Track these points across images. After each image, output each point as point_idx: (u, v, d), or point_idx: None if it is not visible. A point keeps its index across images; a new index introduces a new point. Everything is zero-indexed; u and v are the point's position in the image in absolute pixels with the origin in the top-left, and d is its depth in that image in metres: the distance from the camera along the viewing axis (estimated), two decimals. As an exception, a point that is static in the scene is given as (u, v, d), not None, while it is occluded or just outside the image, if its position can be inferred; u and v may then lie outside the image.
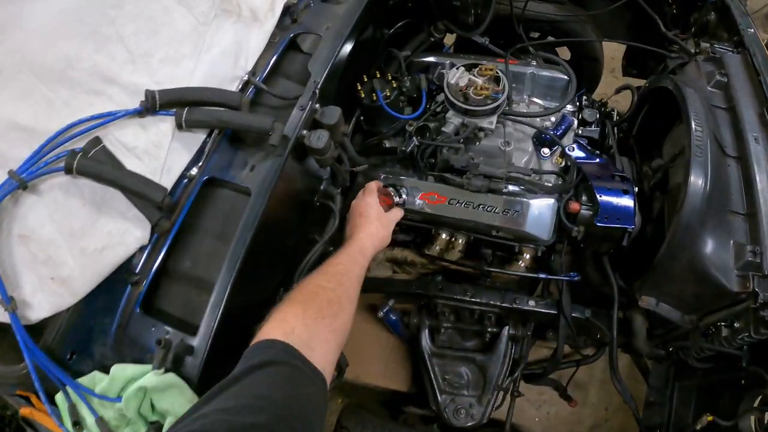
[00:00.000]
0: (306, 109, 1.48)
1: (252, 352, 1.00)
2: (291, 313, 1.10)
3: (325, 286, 1.22)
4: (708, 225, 1.68)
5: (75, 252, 1.28)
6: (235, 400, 0.85)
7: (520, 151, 1.92)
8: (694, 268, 1.70)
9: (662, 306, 1.85)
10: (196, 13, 1.60)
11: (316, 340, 1.06)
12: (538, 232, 1.83)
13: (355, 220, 1.56)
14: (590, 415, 2.72)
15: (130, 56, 1.46)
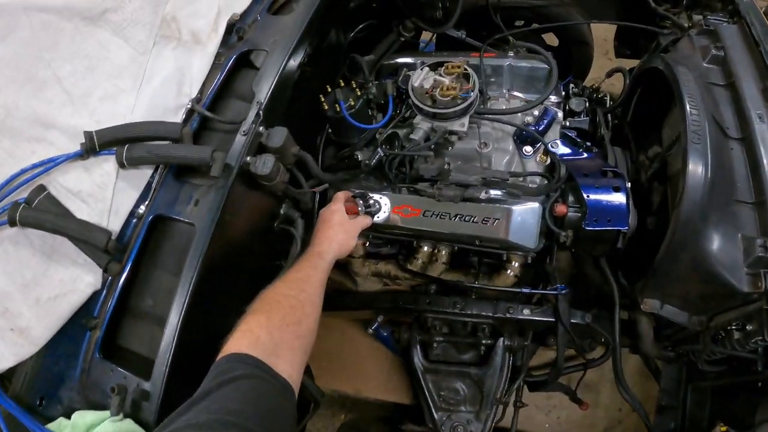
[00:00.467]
0: (249, 134, 1.34)
1: (220, 366, 0.96)
2: (255, 323, 1.07)
3: (287, 293, 1.17)
4: (711, 219, 1.47)
5: (30, 302, 1.26)
6: (207, 415, 0.83)
7: (500, 152, 1.71)
8: (699, 268, 1.49)
9: (667, 308, 1.64)
10: (133, 43, 1.48)
11: (281, 348, 1.03)
12: (523, 241, 1.62)
13: (318, 226, 1.49)
14: (603, 417, 2.51)
15: (69, 98, 1.39)
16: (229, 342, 1.02)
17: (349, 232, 1.51)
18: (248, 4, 1.65)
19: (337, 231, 1.47)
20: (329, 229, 1.46)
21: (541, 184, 1.68)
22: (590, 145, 1.78)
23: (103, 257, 1.27)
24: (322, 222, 1.49)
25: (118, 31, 1.47)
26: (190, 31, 1.53)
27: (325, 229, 1.46)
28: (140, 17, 1.49)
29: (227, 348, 1.01)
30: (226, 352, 0.99)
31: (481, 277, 1.84)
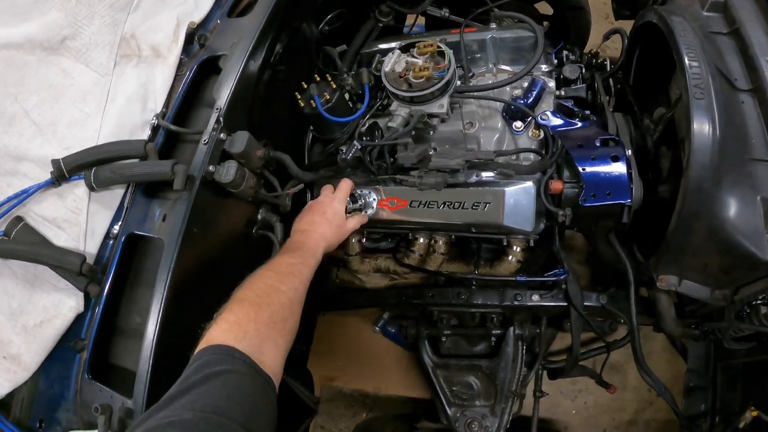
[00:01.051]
0: (209, 142, 1.26)
1: (205, 357, 0.90)
2: (244, 316, 1.00)
3: (279, 287, 1.10)
4: (725, 182, 1.27)
5: (18, 330, 1.27)
6: (192, 413, 0.77)
7: (489, 131, 1.54)
8: (716, 238, 1.30)
9: (686, 284, 1.45)
10: (95, 66, 1.44)
11: (267, 345, 0.98)
12: (519, 224, 1.45)
13: (315, 216, 1.39)
14: (633, 400, 2.29)
15: (38, 129, 1.38)
16: (215, 330, 0.96)
17: (340, 236, 1.41)
18: (208, 10, 1.55)
19: (334, 233, 1.38)
20: (326, 227, 1.36)
21: (535, 161, 1.50)
22: (588, 114, 1.58)
23: (81, 280, 1.25)
24: (321, 213, 1.38)
25: (79, 56, 1.44)
26: (149, 46, 1.47)
27: (323, 224, 1.36)
28: (99, 40, 1.45)
29: (213, 337, 0.95)
30: (212, 341, 0.93)
31: (482, 266, 1.67)
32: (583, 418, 2.29)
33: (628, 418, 2.28)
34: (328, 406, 2.39)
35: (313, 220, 1.36)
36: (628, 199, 1.35)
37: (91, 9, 1.45)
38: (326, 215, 1.38)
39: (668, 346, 2.00)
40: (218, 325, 0.97)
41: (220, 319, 0.98)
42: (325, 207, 1.40)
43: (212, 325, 0.97)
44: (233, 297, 1.05)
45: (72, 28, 1.43)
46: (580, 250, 2.22)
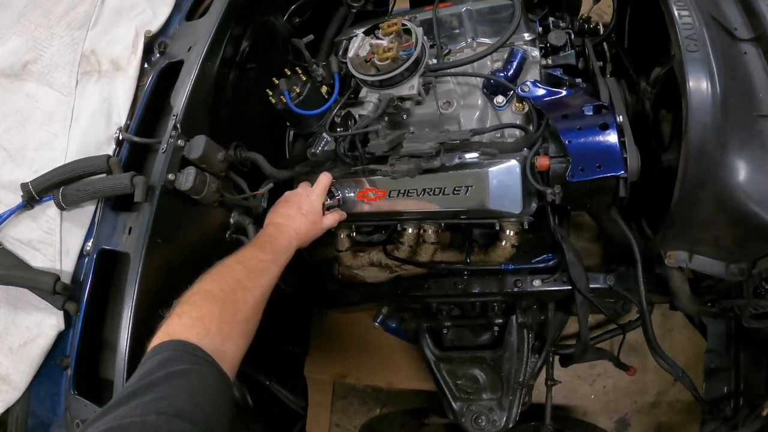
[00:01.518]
0: (168, 150, 1.19)
1: (168, 353, 0.84)
2: (208, 312, 0.93)
3: (246, 285, 1.03)
4: (731, 143, 1.12)
5: (4, 351, 1.27)
6: (156, 416, 0.71)
7: (468, 109, 1.40)
8: (725, 207, 1.14)
9: (697, 260, 1.29)
10: (57, 87, 1.41)
11: (228, 344, 0.93)
12: (506, 206, 1.30)
13: (290, 209, 1.29)
14: (654, 381, 2.10)
15: (7, 154, 1.37)
16: (178, 325, 0.90)
17: (314, 233, 1.32)
18: (166, 17, 1.47)
19: (308, 228, 1.29)
20: (302, 221, 1.27)
21: (520, 137, 1.34)
22: (579, 82, 1.41)
23: (58, 299, 1.23)
24: (297, 207, 1.29)
25: (42, 79, 1.41)
26: (109, 60, 1.42)
27: (298, 219, 1.27)
28: (59, 60, 1.42)
29: (173, 330, 0.89)
30: (173, 336, 0.87)
31: (476, 253, 1.53)
32: (602, 403, 2.13)
33: (650, 401, 2.10)
34: (342, 404, 2.31)
35: (288, 213, 1.28)
36: (622, 170, 1.18)
37: (50, 31, 1.43)
38: (302, 210, 1.29)
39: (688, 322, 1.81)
40: (181, 320, 0.91)
41: (183, 313, 0.92)
42: (302, 201, 1.31)
43: (173, 317, 0.91)
44: (198, 287, 0.98)
45: (33, 53, 1.42)
46: (590, 228, 2.04)
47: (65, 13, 1.42)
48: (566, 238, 1.50)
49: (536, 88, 1.31)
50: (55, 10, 1.42)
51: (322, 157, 1.49)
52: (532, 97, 1.31)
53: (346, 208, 1.42)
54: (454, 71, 1.36)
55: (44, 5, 1.42)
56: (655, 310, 1.92)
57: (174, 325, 0.89)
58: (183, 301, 0.95)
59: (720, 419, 1.38)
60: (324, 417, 2.25)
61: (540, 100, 1.31)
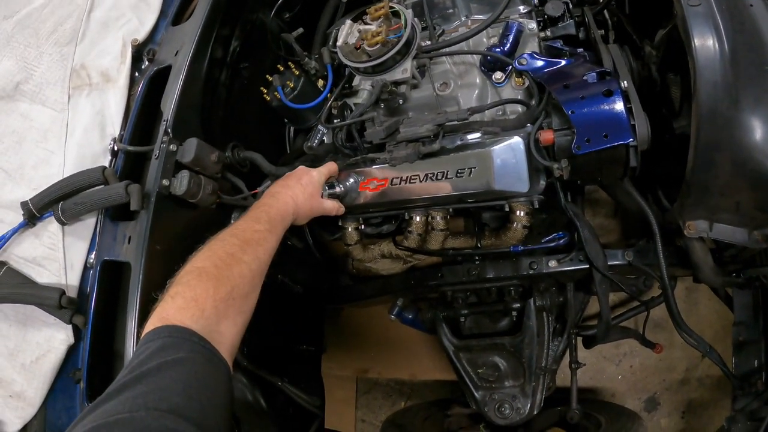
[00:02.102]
0: (160, 156, 1.18)
1: (161, 341, 0.79)
2: (202, 291, 0.88)
3: (241, 258, 0.97)
4: (744, 101, 1.05)
5: (17, 368, 1.28)
6: (146, 411, 0.67)
7: (467, 88, 1.35)
8: (744, 170, 1.08)
9: (718, 228, 1.21)
10: (50, 104, 1.41)
11: (225, 324, 0.88)
12: (512, 185, 1.25)
13: (289, 180, 1.24)
14: (682, 358, 2.01)
15: (7, 175, 1.37)
16: (171, 307, 0.85)
17: (312, 208, 1.24)
18: (153, 24, 1.45)
19: (305, 198, 1.21)
20: (299, 191, 1.20)
21: (522, 112, 1.28)
22: (580, 51, 1.34)
23: (65, 313, 1.22)
24: (296, 178, 1.24)
25: (35, 97, 1.42)
26: (99, 72, 1.41)
27: (294, 187, 1.20)
28: (50, 77, 1.42)
29: (168, 314, 0.83)
30: (167, 320, 0.82)
31: (487, 237, 1.48)
32: (630, 383, 2.05)
33: (678, 378, 2.02)
34: (366, 399, 2.28)
35: (285, 183, 1.22)
36: (630, 138, 1.11)
37: (39, 49, 1.43)
38: (301, 181, 1.23)
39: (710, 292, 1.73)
40: (174, 301, 0.86)
41: (176, 294, 0.87)
42: (301, 174, 1.25)
43: (167, 299, 0.87)
44: (191, 266, 0.93)
45: (24, 73, 1.41)
46: (607, 203, 1.96)
47: (53, 31, 1.42)
48: (580, 215, 1.44)
49: (534, 60, 1.25)
50: (43, 29, 1.42)
51: (322, 151, 1.45)
52: (530, 70, 1.25)
53: (349, 200, 1.38)
54: (448, 50, 1.31)
55: (32, 25, 1.43)
56: (679, 284, 1.85)
57: (168, 308, 0.85)
58: (176, 281, 0.90)
59: (751, 394, 1.30)
60: (349, 413, 2.22)
61: (540, 72, 1.25)
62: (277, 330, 1.10)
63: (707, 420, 1.94)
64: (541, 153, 1.22)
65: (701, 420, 1.96)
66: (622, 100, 1.12)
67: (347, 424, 2.20)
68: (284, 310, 1.13)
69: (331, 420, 2.20)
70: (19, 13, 1.45)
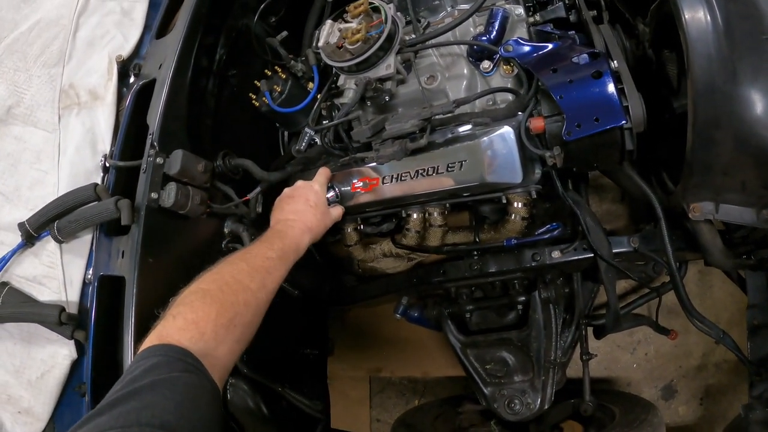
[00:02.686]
0: (148, 170, 1.18)
1: (156, 359, 0.78)
2: (203, 315, 0.87)
3: (248, 285, 0.96)
4: (742, 73, 1.01)
5: (24, 385, 1.30)
6: (138, 427, 0.66)
7: (455, 80, 1.31)
8: (746, 146, 1.03)
9: (725, 209, 1.16)
10: (42, 125, 1.42)
11: (222, 349, 0.87)
12: (505, 177, 1.21)
13: (298, 204, 1.22)
14: (698, 343, 1.93)
15: (4, 197, 1.39)
16: (171, 327, 0.84)
17: (324, 225, 1.24)
18: (137, 39, 1.44)
19: (319, 221, 1.22)
20: (310, 216, 1.19)
21: (512, 101, 1.24)
22: (571, 34, 1.29)
23: (66, 329, 1.24)
24: (305, 201, 1.21)
25: (26, 120, 1.43)
26: (87, 91, 1.42)
27: (307, 213, 1.19)
28: (40, 99, 1.43)
29: (166, 333, 0.83)
30: (164, 339, 0.82)
31: (486, 230, 1.43)
32: (646, 371, 1.98)
33: (695, 364, 1.95)
34: (380, 398, 2.25)
35: (296, 209, 1.20)
36: (624, 120, 1.06)
37: (28, 72, 1.44)
38: (309, 202, 1.22)
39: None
40: (175, 321, 0.85)
41: (178, 315, 0.86)
42: (307, 193, 1.23)
43: (168, 317, 0.86)
44: (196, 286, 0.92)
45: (15, 97, 1.42)
46: (614, 188, 1.90)
47: (40, 53, 1.43)
48: (581, 202, 1.38)
49: (521, 46, 1.20)
50: (31, 52, 1.43)
51: (315, 153, 1.43)
52: (517, 56, 1.20)
53: (344, 202, 1.35)
54: (432, 42, 1.27)
55: (20, 49, 1.44)
56: (692, 267, 1.78)
57: (168, 327, 0.84)
58: (179, 300, 0.89)
59: (768, 380, 1.24)
60: (364, 413, 2.20)
61: (528, 57, 1.20)
62: (278, 335, 1.09)
63: (726, 406, 1.88)
64: (533, 142, 1.18)
65: (720, 406, 1.90)
66: (612, 81, 1.06)
67: (362, 425, 2.18)
68: (284, 315, 1.11)
69: (345, 421, 2.19)
70: (6, 39, 1.47)
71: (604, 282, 1.39)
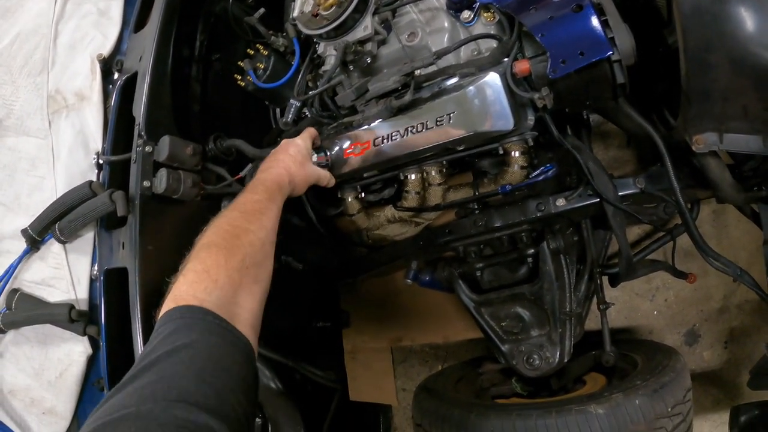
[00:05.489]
0: (138, 159, 1.20)
1: (173, 324, 0.76)
2: (213, 263, 0.85)
3: (248, 227, 0.95)
4: None
5: (45, 386, 1.35)
6: (153, 403, 0.63)
7: (436, 34, 1.29)
8: (744, 68, 1.02)
9: (730, 138, 1.13)
10: (34, 133, 1.47)
11: (242, 295, 0.84)
12: (497, 125, 1.19)
13: (277, 154, 1.21)
14: (718, 285, 1.88)
15: (5, 207, 1.45)
16: (183, 284, 0.82)
17: (305, 171, 1.21)
18: (116, 36, 1.46)
19: (295, 164, 1.19)
20: (290, 162, 1.18)
21: (496, 47, 1.21)
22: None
23: (77, 326, 1.28)
24: (284, 151, 1.21)
25: (18, 130, 1.47)
26: (73, 93, 1.45)
27: (285, 160, 1.18)
28: (29, 109, 1.47)
29: (181, 292, 0.80)
30: (180, 299, 0.79)
31: (486, 184, 1.41)
32: (667, 318, 1.95)
33: (717, 307, 1.90)
34: (404, 368, 2.28)
35: (275, 158, 1.20)
36: (610, 51, 1.02)
37: (14, 84, 1.49)
38: (288, 151, 1.21)
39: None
40: (185, 277, 0.83)
41: (187, 270, 0.84)
42: (287, 145, 1.23)
43: (179, 277, 0.84)
44: (199, 244, 0.91)
45: (4, 110, 1.47)
46: (619, 134, 1.85)
47: (24, 64, 1.48)
48: (582, 147, 1.35)
49: (499, -12, 1.16)
50: (14, 64, 1.48)
51: (305, 125, 1.42)
52: (496, 0, 1.16)
53: (338, 169, 1.35)
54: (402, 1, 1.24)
55: (3, 63, 1.49)
56: (705, 207, 1.73)
57: (180, 285, 0.82)
58: (187, 260, 0.88)
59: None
60: (389, 384, 2.23)
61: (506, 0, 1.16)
62: (287, 309, 1.11)
63: (752, 347, 1.84)
64: (520, 86, 1.15)
65: (745, 348, 1.86)
66: (594, 13, 1.03)
67: (388, 394, 2.21)
68: (291, 289, 1.13)
69: (372, 393, 2.22)
70: (-11, 56, 1.51)
71: (613, 226, 1.36)
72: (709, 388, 1.91)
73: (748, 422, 1.36)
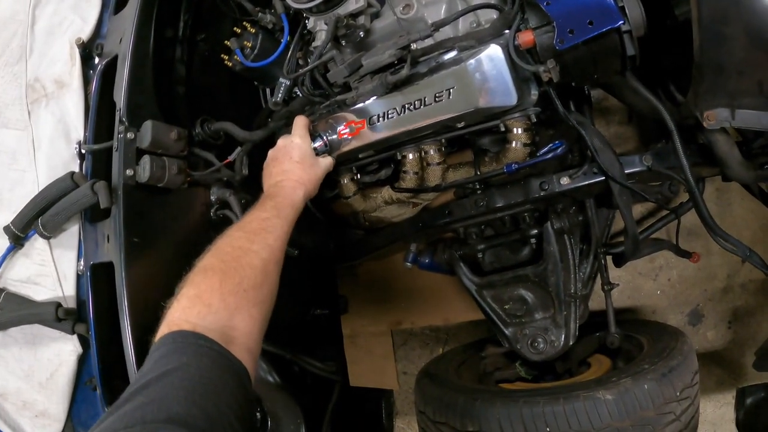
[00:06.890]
0: (120, 147, 1.15)
1: (164, 348, 0.77)
2: (206, 287, 0.85)
3: (249, 248, 0.94)
4: None
5: (36, 388, 1.32)
6: (142, 425, 0.64)
7: (433, 5, 1.23)
8: (760, 40, 0.97)
9: (741, 114, 1.08)
10: (13, 124, 1.41)
11: (238, 318, 0.84)
12: (498, 100, 1.15)
13: (283, 164, 1.19)
14: (721, 264, 1.85)
15: None
16: (176, 310, 0.82)
17: (315, 176, 1.19)
18: (96, 20, 1.39)
19: (307, 173, 1.18)
20: (297, 170, 1.16)
21: (497, 18, 1.15)
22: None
23: (66, 324, 1.25)
24: (288, 159, 1.18)
25: None
26: (52, 80, 1.39)
27: (293, 169, 1.16)
28: (7, 99, 1.42)
29: (174, 318, 0.81)
30: (173, 325, 0.80)
31: (487, 163, 1.36)
32: (670, 297, 1.92)
33: (721, 286, 1.88)
34: (404, 351, 2.26)
35: (282, 169, 1.17)
36: (621, 20, 0.97)
37: None
38: (294, 158, 1.18)
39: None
40: (179, 303, 0.83)
41: (181, 296, 0.84)
42: (290, 150, 1.20)
43: (173, 303, 0.84)
44: (197, 267, 0.90)
45: None
46: (620, 109, 1.80)
47: (1, 53, 1.42)
48: (586, 122, 1.30)
49: (499, -45, 1.09)
50: None
51: (297, 105, 1.37)
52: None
53: (333, 151, 1.29)
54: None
55: None
56: (709, 185, 1.70)
57: (174, 312, 0.82)
58: (182, 284, 0.87)
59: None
60: (390, 368, 2.21)
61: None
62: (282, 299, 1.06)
63: (756, 327, 1.82)
64: (524, 58, 1.09)
65: (749, 328, 1.84)
66: (603, -19, 0.96)
67: (390, 379, 2.20)
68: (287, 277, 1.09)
69: (372, 377, 2.20)
70: (-34, 47, 1.43)
71: (619, 205, 1.32)
72: (712, 368, 1.90)
73: (755, 404, 1.34)
